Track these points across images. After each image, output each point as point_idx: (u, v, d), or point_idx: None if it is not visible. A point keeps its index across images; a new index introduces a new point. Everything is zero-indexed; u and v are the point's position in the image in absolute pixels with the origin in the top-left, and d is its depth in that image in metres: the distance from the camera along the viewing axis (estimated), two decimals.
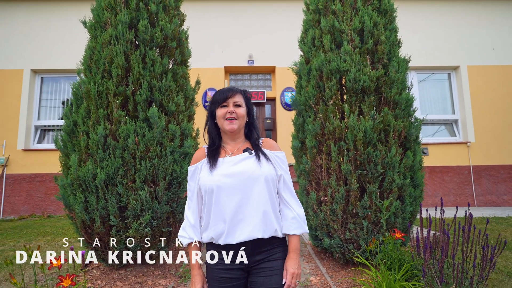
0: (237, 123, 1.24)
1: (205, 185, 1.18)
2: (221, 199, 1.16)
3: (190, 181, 1.26)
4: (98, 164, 2.56)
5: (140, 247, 2.73)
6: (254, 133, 1.32)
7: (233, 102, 1.25)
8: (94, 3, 3.20)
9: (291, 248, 1.21)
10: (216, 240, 1.18)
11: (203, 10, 7.16)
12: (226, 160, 1.22)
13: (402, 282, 2.07)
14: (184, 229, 1.23)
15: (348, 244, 2.84)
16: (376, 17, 3.01)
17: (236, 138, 1.30)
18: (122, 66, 2.81)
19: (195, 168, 1.26)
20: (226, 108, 1.24)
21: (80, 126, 2.68)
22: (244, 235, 1.13)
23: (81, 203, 2.53)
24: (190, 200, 1.25)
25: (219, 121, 1.26)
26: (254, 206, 1.15)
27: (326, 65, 3.03)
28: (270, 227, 1.16)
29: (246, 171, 1.18)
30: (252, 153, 1.24)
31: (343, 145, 2.83)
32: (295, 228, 1.20)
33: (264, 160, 1.22)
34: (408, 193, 2.84)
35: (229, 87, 1.28)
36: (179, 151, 2.89)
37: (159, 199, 2.70)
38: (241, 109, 1.26)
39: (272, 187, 1.20)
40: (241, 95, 1.28)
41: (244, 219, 1.14)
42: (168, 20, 3.15)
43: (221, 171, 1.19)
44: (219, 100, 1.25)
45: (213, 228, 1.17)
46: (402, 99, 2.94)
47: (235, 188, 1.15)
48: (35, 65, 7.00)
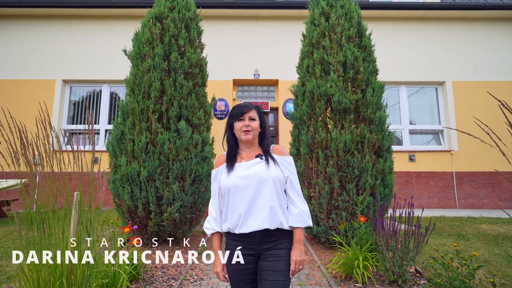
0: (251, 134, 1.44)
1: (224, 185, 1.40)
2: (237, 197, 1.36)
3: (213, 183, 1.48)
4: (141, 164, 3.40)
5: (170, 229, 3.55)
6: (265, 141, 1.52)
7: (249, 116, 1.45)
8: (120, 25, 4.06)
9: (295, 239, 1.39)
10: (232, 229, 1.38)
11: (215, 29, 8.01)
12: (242, 164, 1.43)
13: (365, 253, 2.86)
14: (208, 222, 1.46)
15: (331, 230, 3.64)
16: (356, 52, 3.82)
17: (251, 146, 1.50)
18: (158, 89, 3.65)
19: (216, 172, 1.48)
20: (242, 122, 1.44)
21: (127, 135, 3.52)
22: (254, 225, 1.33)
23: (128, 193, 3.37)
24: (213, 198, 1.48)
25: (236, 132, 1.47)
26: (262, 202, 1.34)
27: (316, 89, 3.85)
28: (276, 219, 1.35)
29: (257, 174, 1.37)
30: (263, 158, 1.44)
31: (328, 153, 3.64)
32: (299, 222, 1.37)
33: (272, 164, 1.41)
34: (379, 191, 3.62)
35: (245, 104, 1.49)
36: (200, 155, 3.72)
37: (186, 191, 3.52)
38: (255, 122, 1.46)
39: (279, 187, 1.38)
40: (255, 111, 1.50)
41: (254, 213, 1.34)
42: (192, 52, 4.00)
43: (236, 174, 1.40)
44: (237, 114, 1.46)
45: (230, 220, 1.38)
46: (376, 117, 3.74)
47: (248, 188, 1.36)
48: (65, 75, 7.90)
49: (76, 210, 1.92)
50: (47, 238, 1.85)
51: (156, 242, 3.63)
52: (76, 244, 1.85)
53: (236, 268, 1.38)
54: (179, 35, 3.93)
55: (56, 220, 1.95)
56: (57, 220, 1.98)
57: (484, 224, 4.97)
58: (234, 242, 1.39)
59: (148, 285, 2.76)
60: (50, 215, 2.06)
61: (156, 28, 3.84)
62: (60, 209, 2.11)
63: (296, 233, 1.38)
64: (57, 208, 2.04)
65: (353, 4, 4.14)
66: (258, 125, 1.48)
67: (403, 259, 2.63)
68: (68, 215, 2.02)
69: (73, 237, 1.88)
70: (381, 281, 2.79)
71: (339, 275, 2.94)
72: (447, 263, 2.05)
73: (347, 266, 2.86)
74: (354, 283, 2.78)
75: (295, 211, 1.38)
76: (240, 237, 1.37)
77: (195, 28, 4.19)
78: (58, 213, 2.03)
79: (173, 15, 3.95)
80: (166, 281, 2.89)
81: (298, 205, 1.39)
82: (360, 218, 3.00)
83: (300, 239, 1.38)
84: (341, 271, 2.92)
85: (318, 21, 4.14)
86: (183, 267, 3.23)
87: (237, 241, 1.38)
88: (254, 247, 1.37)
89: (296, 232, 1.39)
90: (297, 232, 1.38)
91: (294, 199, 1.40)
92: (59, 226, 1.92)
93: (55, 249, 1.82)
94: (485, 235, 4.28)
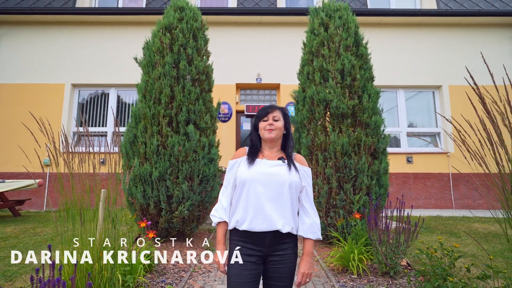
0: (274, 133, 1.45)
1: (241, 177, 1.39)
2: (252, 191, 1.35)
3: (228, 172, 1.47)
4: (153, 165, 3.66)
5: (179, 226, 3.80)
6: (289, 145, 1.52)
7: (272, 116, 1.47)
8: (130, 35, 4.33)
9: (305, 251, 1.38)
10: (240, 224, 1.36)
11: (219, 34, 8.28)
12: (263, 162, 1.43)
13: (360, 247, 3.11)
14: (216, 210, 1.45)
15: (330, 227, 3.88)
16: (353, 61, 4.08)
17: (273, 147, 1.50)
18: (168, 95, 3.91)
19: (234, 162, 1.47)
20: (267, 122, 1.47)
21: (139, 138, 3.79)
22: (265, 224, 1.32)
23: (140, 192, 3.63)
24: (225, 188, 1.47)
25: (261, 132, 1.48)
26: (277, 203, 1.33)
27: (316, 95, 4.10)
28: (289, 223, 1.34)
29: (277, 174, 1.38)
30: (285, 162, 1.45)
31: (327, 155, 3.89)
32: (311, 233, 1.38)
33: (293, 169, 1.42)
34: (374, 190, 3.87)
35: (270, 105, 1.51)
36: (207, 157, 3.98)
37: (194, 191, 3.78)
38: (279, 122, 1.47)
39: (295, 193, 1.38)
40: (280, 111, 1.50)
41: (267, 212, 1.32)
42: (199, 60, 4.26)
43: (257, 169, 1.39)
44: (262, 115, 1.49)
45: (239, 213, 1.37)
46: (372, 121, 3.99)
47: (266, 185, 1.35)
48: (74, 80, 8.19)
49: (103, 205, 2.17)
50: (80, 230, 2.10)
51: (166, 238, 3.88)
52: (104, 236, 2.10)
53: (239, 270, 1.33)
54: (187, 44, 4.20)
55: (86, 215, 2.21)
56: (86, 215, 2.23)
57: (476, 223, 5.20)
58: (241, 243, 1.36)
59: (160, 276, 3.01)
60: (76, 212, 2.33)
61: (166, 38, 4.11)
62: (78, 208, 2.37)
63: (306, 245, 1.38)
64: (86, 206, 2.30)
65: (350, 15, 4.40)
66: (282, 125, 1.48)
67: (394, 252, 2.87)
68: (96, 213, 2.28)
69: (100, 230, 2.14)
70: (374, 272, 3.04)
71: (336, 267, 3.18)
72: (431, 253, 2.29)
73: (344, 259, 3.11)
74: (350, 274, 3.02)
75: (307, 222, 1.38)
76: (248, 237, 1.35)
77: (202, 37, 4.46)
78: (86, 210, 2.29)
79: (182, 25, 4.22)
80: (177, 272, 3.14)
81: (311, 216, 1.40)
82: (355, 215, 3.25)
83: (310, 252, 1.38)
84: (338, 264, 3.17)
85: (317, 31, 4.40)
86: (192, 261, 3.48)
87: (245, 241, 1.36)
88: (263, 248, 1.35)
89: (306, 244, 1.38)
90: (307, 244, 1.38)
91: (308, 210, 1.41)
92: (90, 221, 2.17)
93: (87, 238, 2.07)
94: (476, 233, 4.52)
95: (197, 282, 2.95)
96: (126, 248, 2.59)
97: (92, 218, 2.31)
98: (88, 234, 2.10)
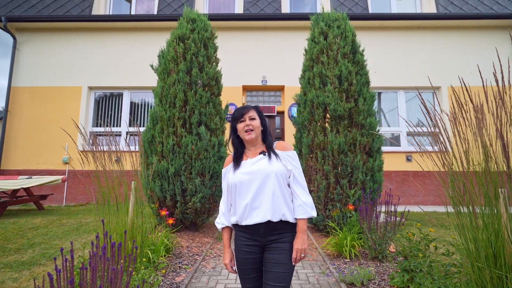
0: (254, 133, 1.51)
1: (231, 182, 1.49)
2: (242, 192, 1.45)
3: (223, 181, 1.58)
4: (169, 162, 4.11)
5: (192, 217, 4.25)
6: (268, 138, 1.58)
7: (249, 116, 1.52)
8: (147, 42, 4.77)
9: (297, 229, 1.44)
10: (239, 222, 1.47)
11: (226, 39, 8.71)
12: (247, 162, 1.51)
13: (353, 235, 3.51)
14: (219, 217, 1.58)
15: (328, 219, 4.28)
16: (350, 67, 4.46)
17: (255, 144, 1.56)
18: (182, 99, 4.35)
19: (225, 171, 1.57)
20: (244, 123, 1.52)
21: (157, 138, 4.24)
22: (258, 217, 1.41)
23: (158, 186, 4.08)
24: (223, 195, 1.58)
25: (240, 134, 1.54)
26: (265, 196, 1.42)
27: (316, 98, 4.50)
28: (278, 212, 1.41)
29: (260, 169, 1.44)
30: (266, 154, 1.50)
31: (325, 153, 4.29)
32: (301, 213, 1.43)
33: (274, 159, 1.47)
34: (368, 186, 4.25)
35: (243, 106, 1.56)
36: (217, 155, 4.41)
37: (205, 185, 4.22)
38: (255, 121, 1.53)
39: (282, 181, 1.44)
40: (254, 110, 1.56)
41: (258, 206, 1.42)
42: (210, 67, 4.69)
43: (242, 171, 1.48)
44: (238, 117, 1.54)
45: (237, 213, 1.47)
46: (367, 122, 4.37)
47: (252, 183, 1.43)
48: (91, 83, 8.72)
49: (133, 195, 2.61)
50: (116, 216, 2.55)
51: (180, 227, 4.34)
52: (135, 217, 2.54)
53: (243, 258, 1.46)
54: (198, 53, 4.63)
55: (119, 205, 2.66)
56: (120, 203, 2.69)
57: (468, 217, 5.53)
58: (241, 234, 1.48)
59: (177, 258, 3.46)
60: (110, 203, 2.78)
61: (180, 48, 4.55)
62: None
63: (299, 223, 1.44)
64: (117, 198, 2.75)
65: (348, 24, 4.78)
66: (259, 123, 1.54)
67: (382, 239, 3.26)
68: (126, 202, 2.73)
69: (131, 215, 2.59)
70: (365, 257, 3.43)
71: (332, 253, 3.59)
72: (409, 237, 2.69)
73: (338, 245, 3.51)
74: (343, 258, 3.43)
75: (297, 203, 1.44)
76: (246, 228, 1.45)
77: (212, 46, 4.89)
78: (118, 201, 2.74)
79: (194, 36, 4.65)
80: (191, 256, 3.59)
81: (300, 197, 1.44)
82: (349, 206, 3.65)
83: (303, 229, 1.43)
84: (334, 250, 3.57)
85: (317, 39, 4.79)
86: (204, 247, 3.93)
87: (244, 232, 1.47)
88: (259, 238, 1.44)
89: (298, 223, 1.44)
90: (299, 222, 1.44)
91: (297, 192, 1.46)
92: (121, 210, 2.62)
93: (122, 220, 2.52)
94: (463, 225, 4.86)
95: (209, 264, 3.39)
96: (149, 232, 3.04)
97: (122, 208, 2.75)
98: (122, 218, 2.54)
